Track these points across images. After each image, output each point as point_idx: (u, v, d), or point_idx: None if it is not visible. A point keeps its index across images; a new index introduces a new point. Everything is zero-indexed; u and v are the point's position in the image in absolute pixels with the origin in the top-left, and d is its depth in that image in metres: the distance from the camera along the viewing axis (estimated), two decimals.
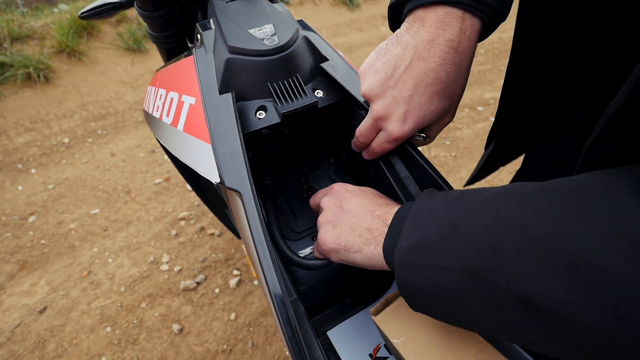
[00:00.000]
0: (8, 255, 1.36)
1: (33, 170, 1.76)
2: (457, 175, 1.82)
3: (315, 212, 0.46)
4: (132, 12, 2.77)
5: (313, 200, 0.45)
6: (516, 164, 0.64)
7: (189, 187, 1.67)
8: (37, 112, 2.12)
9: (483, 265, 0.23)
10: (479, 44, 3.40)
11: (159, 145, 1.94)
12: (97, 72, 2.48)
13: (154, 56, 2.70)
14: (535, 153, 0.55)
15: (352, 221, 0.35)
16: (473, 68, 2.93)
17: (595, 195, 0.20)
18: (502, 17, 0.35)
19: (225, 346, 1.09)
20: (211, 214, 1.53)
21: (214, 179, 0.38)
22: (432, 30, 0.33)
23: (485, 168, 0.65)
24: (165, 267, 1.31)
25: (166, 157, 1.86)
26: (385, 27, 3.71)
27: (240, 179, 0.36)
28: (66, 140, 1.97)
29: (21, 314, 1.17)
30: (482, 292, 0.24)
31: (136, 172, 1.78)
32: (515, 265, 0.21)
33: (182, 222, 1.50)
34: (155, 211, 1.56)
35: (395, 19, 0.39)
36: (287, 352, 0.30)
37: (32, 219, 1.51)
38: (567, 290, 0.19)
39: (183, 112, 0.45)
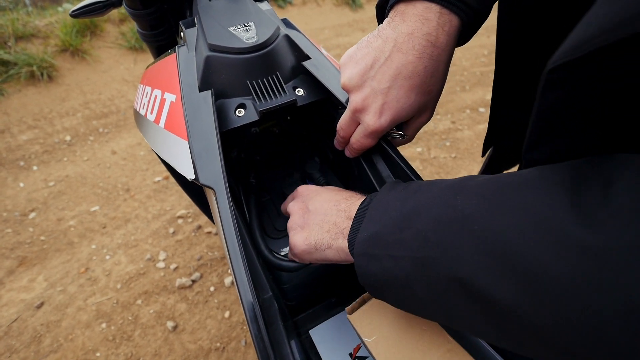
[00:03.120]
0: (8, 251, 1.38)
1: (35, 168, 1.79)
2: (456, 177, 1.81)
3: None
4: None
5: (283, 208, 0.46)
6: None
7: None
8: (40, 110, 2.14)
9: (430, 255, 0.25)
10: (484, 45, 3.36)
11: None
12: (100, 71, 2.50)
13: None
14: None
15: (319, 219, 0.36)
16: (476, 69, 2.91)
17: (532, 192, 0.21)
18: (482, 15, 0.35)
19: (218, 344, 1.09)
20: None
21: (189, 175, 0.38)
22: (412, 24, 0.34)
23: (487, 173, 0.64)
24: (161, 264, 1.32)
25: None
26: None
27: (215, 176, 0.36)
28: (68, 138, 1.99)
29: (19, 309, 1.18)
30: (428, 280, 0.25)
31: (136, 170, 1.79)
32: (456, 254, 0.23)
33: (180, 220, 1.50)
34: (154, 209, 1.57)
35: (382, 19, 0.40)
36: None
37: (32, 215, 1.53)
38: (500, 278, 0.21)
39: (164, 110, 0.46)
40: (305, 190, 0.41)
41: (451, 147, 2.00)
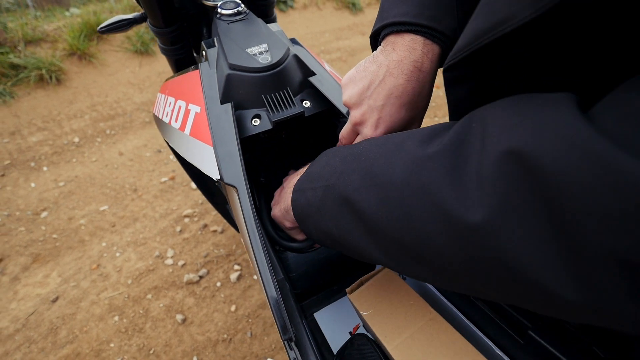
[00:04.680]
0: (22, 248, 1.44)
1: (45, 168, 1.85)
2: None
3: None
4: None
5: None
6: None
7: (193, 186, 1.74)
8: (49, 112, 2.21)
9: (333, 181, 0.34)
10: None
11: (165, 145, 2.02)
12: (107, 74, 2.57)
13: (161, 58, 2.78)
14: None
15: (286, 191, 0.46)
16: None
17: (406, 135, 0.30)
18: None
19: (225, 335, 1.15)
20: (214, 212, 1.60)
21: (215, 176, 0.44)
22: (401, 53, 0.41)
23: None
24: (169, 261, 1.38)
25: (172, 156, 1.93)
26: None
27: (237, 176, 0.43)
28: (76, 139, 2.05)
29: (35, 303, 1.24)
30: (330, 202, 0.33)
31: (143, 170, 1.85)
32: (348, 178, 0.32)
33: (187, 219, 1.57)
34: (161, 208, 1.63)
35: (375, 46, 0.47)
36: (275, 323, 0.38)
37: (44, 214, 1.59)
38: (368, 193, 0.29)
39: (189, 119, 0.52)
40: (288, 177, 0.51)
41: None
